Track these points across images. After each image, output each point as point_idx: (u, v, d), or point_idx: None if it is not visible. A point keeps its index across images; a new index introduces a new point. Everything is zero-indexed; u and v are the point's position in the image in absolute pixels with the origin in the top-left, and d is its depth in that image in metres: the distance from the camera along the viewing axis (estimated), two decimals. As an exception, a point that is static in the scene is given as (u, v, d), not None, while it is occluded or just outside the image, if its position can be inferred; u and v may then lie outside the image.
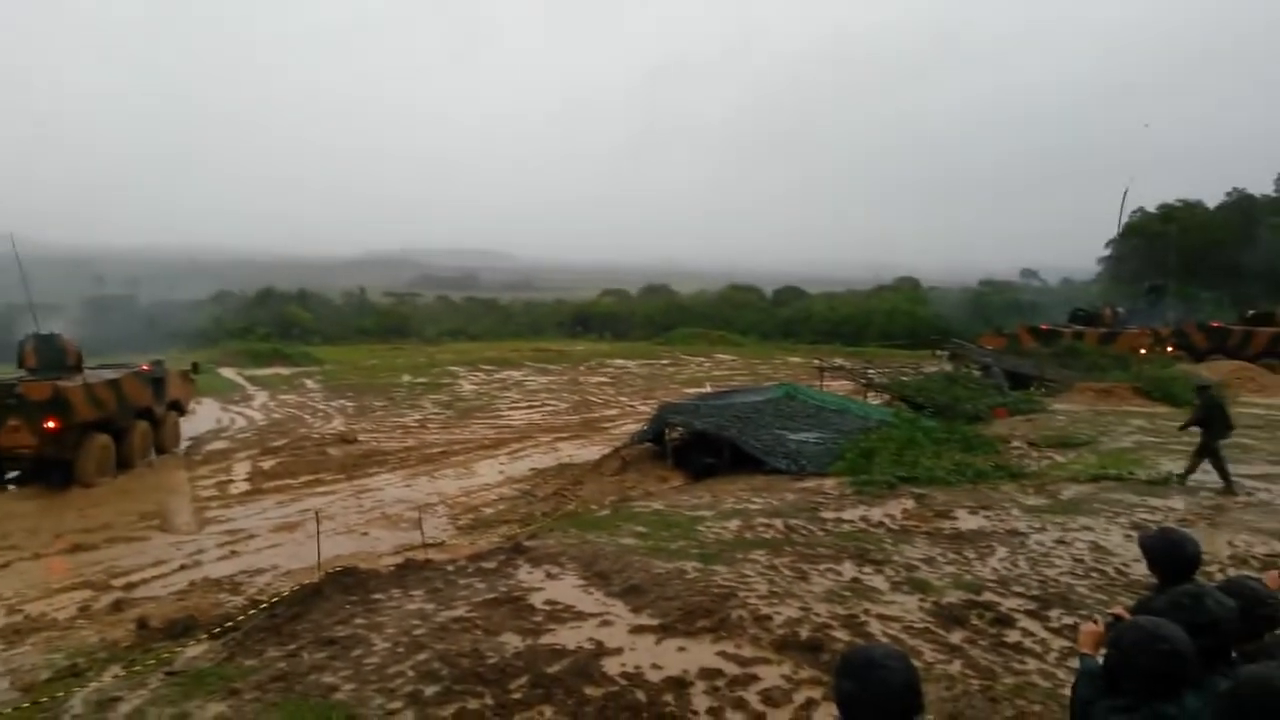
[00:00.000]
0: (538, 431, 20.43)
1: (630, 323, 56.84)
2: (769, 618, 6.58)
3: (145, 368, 17.75)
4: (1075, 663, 3.40)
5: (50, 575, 10.43)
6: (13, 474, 15.22)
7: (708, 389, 25.18)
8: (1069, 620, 6.51)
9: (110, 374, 16.41)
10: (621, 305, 63.90)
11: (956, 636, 6.36)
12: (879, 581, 7.61)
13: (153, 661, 6.52)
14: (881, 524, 9.74)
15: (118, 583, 9.93)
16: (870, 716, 2.26)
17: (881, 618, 6.70)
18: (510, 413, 23.68)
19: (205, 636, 7.09)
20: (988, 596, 7.16)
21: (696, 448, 14.29)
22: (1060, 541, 8.82)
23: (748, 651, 6.05)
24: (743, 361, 38.50)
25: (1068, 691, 3.39)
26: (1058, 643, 6.22)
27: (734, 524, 9.73)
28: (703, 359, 39.37)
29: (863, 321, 49.87)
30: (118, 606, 9.03)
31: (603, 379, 31.73)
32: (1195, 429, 11.38)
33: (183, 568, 10.60)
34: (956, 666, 5.83)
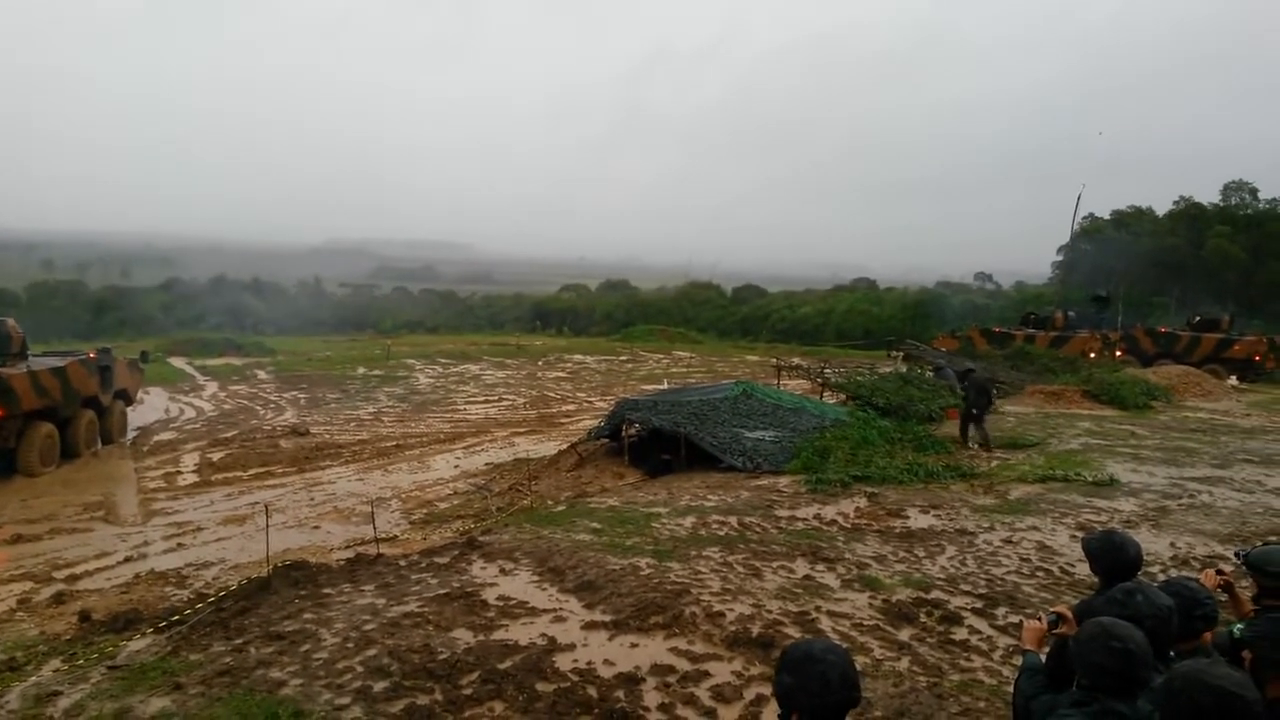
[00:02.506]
0: (494, 426, 20.31)
1: (589, 318, 56.83)
2: (722, 614, 6.62)
3: (92, 355, 17.34)
4: (1020, 660, 3.46)
5: (-11, 567, 10.15)
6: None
7: (665, 386, 25.22)
8: (1015, 618, 6.63)
9: (56, 361, 15.99)
10: (581, 300, 63.83)
11: (905, 634, 6.45)
12: (831, 579, 7.69)
13: (95, 655, 6.39)
14: (834, 522, 9.84)
15: (60, 575, 9.69)
16: (808, 710, 2.30)
17: (832, 615, 6.77)
18: (467, 407, 23.51)
19: (150, 630, 6.94)
20: (936, 594, 7.27)
21: (653, 444, 14.31)
22: (1008, 541, 8.98)
23: (700, 648, 6.08)
24: (701, 359, 38.64)
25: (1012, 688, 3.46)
26: (1004, 640, 6.33)
27: (689, 521, 9.76)
28: (661, 356, 39.45)
29: (820, 321, 50.30)
30: (59, 599, 8.80)
31: (561, 374, 31.64)
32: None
33: (127, 560, 10.36)
34: (904, 663, 5.92)
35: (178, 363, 31.87)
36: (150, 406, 21.97)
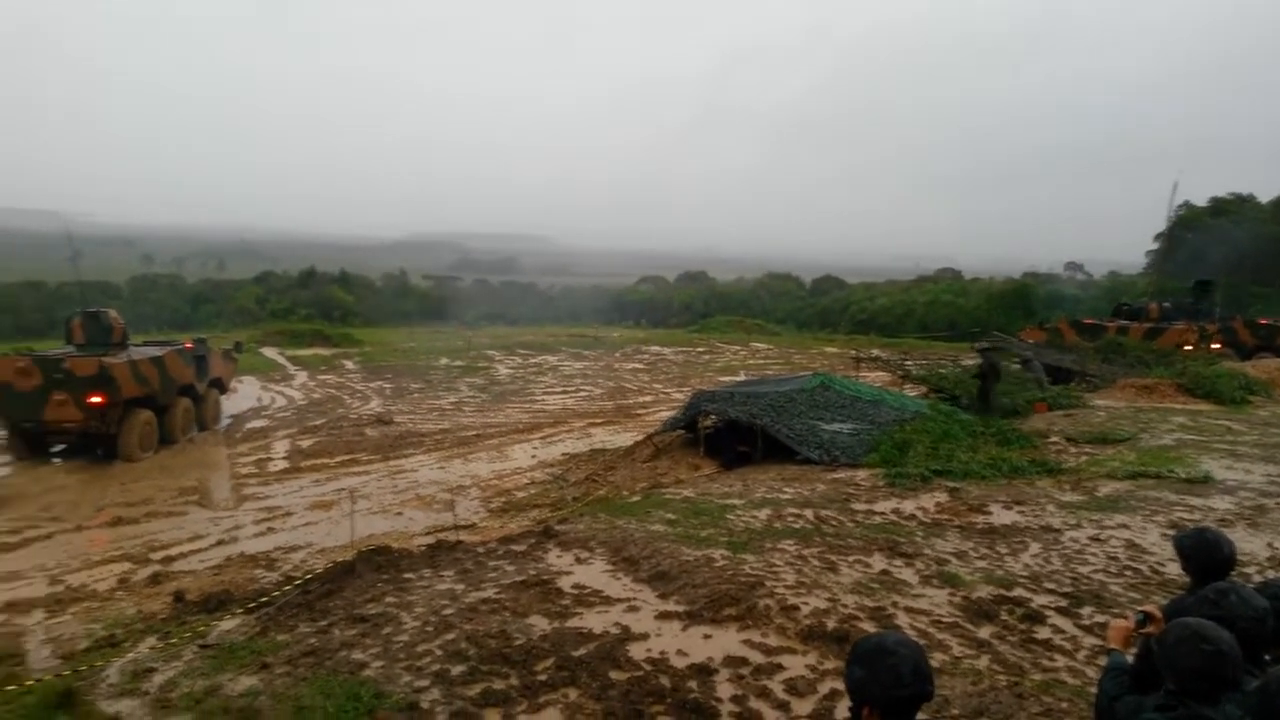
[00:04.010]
0: (571, 416, 20.51)
1: (667, 310, 56.89)
2: (796, 608, 6.57)
3: (188, 345, 18.05)
4: (1105, 660, 3.36)
5: (91, 547, 10.68)
6: (59, 447, 15.62)
7: (742, 377, 25.10)
8: (1101, 618, 6.43)
9: (155, 351, 16.72)
10: (659, 292, 64.00)
11: (985, 631, 6.31)
12: (909, 574, 7.56)
13: (188, 634, 6.67)
14: (913, 517, 9.66)
15: (156, 556, 10.15)
16: (880, 703, 2.27)
17: (910, 611, 6.66)
18: (545, 397, 23.79)
19: (240, 611, 7.23)
20: (1019, 592, 7.09)
21: (729, 436, 14.26)
22: (1095, 539, 8.70)
23: (773, 641, 6.04)
24: (779, 351, 38.33)
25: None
26: (1088, 640, 6.14)
27: (764, 513, 9.71)
28: (738, 347, 39.24)
29: (901, 312, 49.40)
30: (155, 579, 9.23)
31: (638, 365, 31.75)
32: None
33: (220, 543, 10.80)
34: (984, 662, 5.79)
35: (269, 353, 32.93)
36: (243, 395, 22.76)
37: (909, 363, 24.36)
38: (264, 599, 7.51)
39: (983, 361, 17.88)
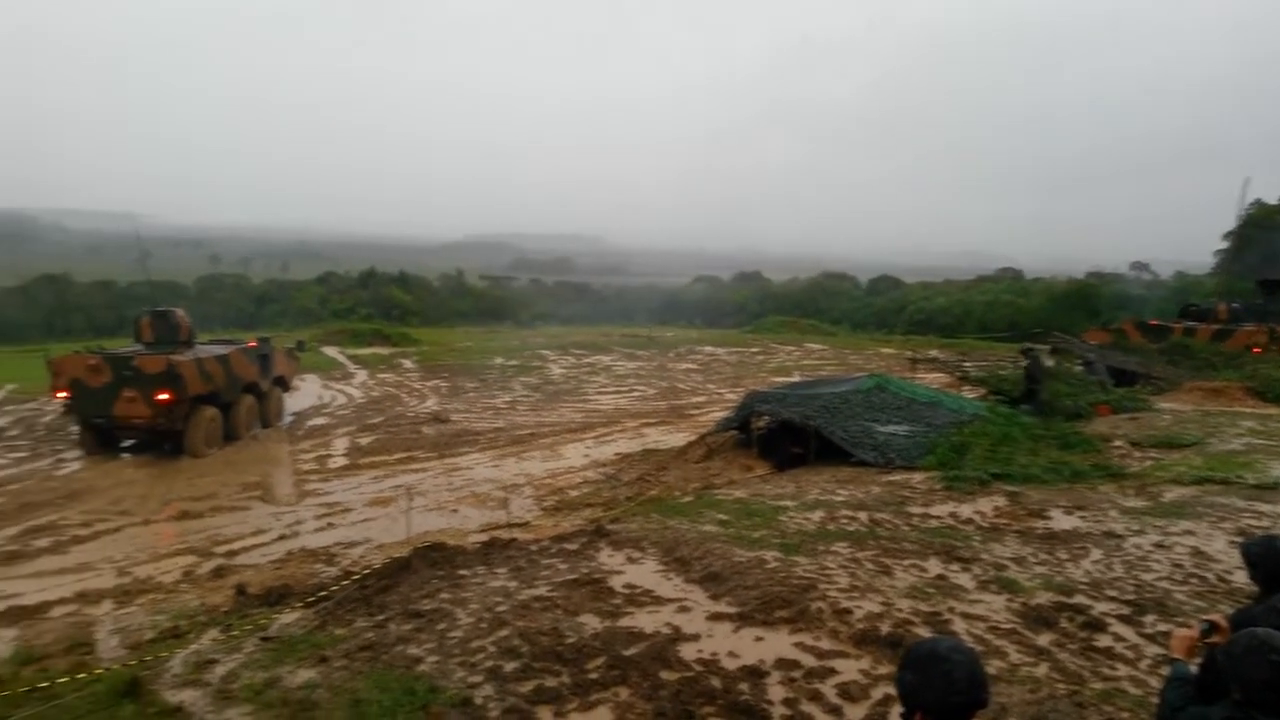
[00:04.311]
0: (624, 416, 20.57)
1: (721, 310, 56.73)
2: (849, 611, 6.51)
3: (252, 344, 18.47)
4: (1168, 670, 3.28)
5: (158, 541, 11.01)
6: (127, 443, 16.12)
7: (796, 378, 24.94)
8: (1164, 627, 6.26)
9: (220, 349, 17.15)
10: (713, 292, 63.87)
11: (1044, 639, 6.19)
12: (965, 579, 7.45)
13: (249, 626, 6.84)
14: (971, 521, 9.51)
15: (220, 550, 10.42)
16: (932, 710, 2.25)
17: (966, 616, 6.56)
18: (598, 397, 23.90)
19: (299, 605, 7.39)
20: (1079, 599, 6.93)
21: (782, 437, 14.17)
22: (1159, 545, 8.47)
23: (826, 644, 6.00)
24: (833, 351, 37.97)
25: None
26: (1151, 649, 5.99)
27: (817, 515, 9.64)
28: (793, 348, 38.97)
29: (960, 312, 48.63)
30: (219, 573, 9.48)
31: (691, 366, 31.72)
32: None
33: (281, 538, 11.05)
34: (1043, 669, 5.68)
35: (331, 351, 33.56)
36: (305, 393, 23.23)
37: (967, 364, 23.99)
38: (323, 593, 7.67)
39: (1028, 364, 17.79)
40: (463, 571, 7.81)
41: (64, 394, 15.38)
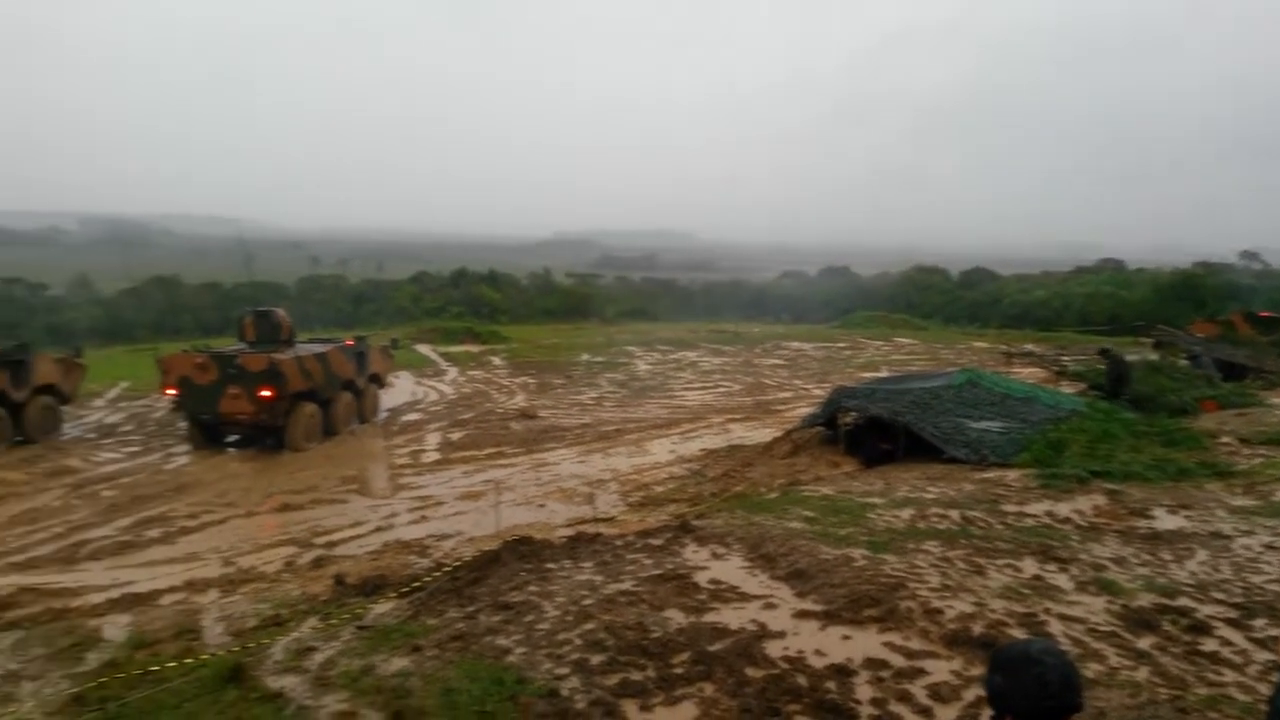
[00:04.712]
0: (710, 412, 20.53)
1: (808, 304, 56.06)
2: (940, 611, 6.38)
3: (349, 342, 19.03)
4: (1278, 676, 3.13)
5: (261, 532, 11.46)
6: (232, 438, 16.81)
7: (884, 373, 24.50)
8: (1275, 631, 5.98)
9: (319, 348, 17.73)
10: (800, 287, 63.19)
11: (1145, 642, 5.96)
12: (1063, 580, 7.22)
13: (346, 615, 7.08)
14: (1069, 520, 9.21)
15: (319, 541, 10.79)
16: (1023, 714, 2.19)
17: (1063, 618, 6.36)
18: (684, 393, 23.89)
19: (394, 595, 7.61)
20: (1183, 601, 6.65)
21: (870, 433, 13.94)
22: (1270, 546, 8.06)
23: (916, 644, 5.89)
24: (924, 346, 37.14)
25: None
26: (1261, 655, 5.72)
27: (906, 513, 9.46)
28: (882, 343, 38.27)
29: (1059, 305, 47.03)
30: (318, 563, 9.82)
31: (777, 361, 31.45)
32: None
33: (377, 530, 11.38)
34: (1144, 673, 5.47)
35: (423, 349, 34.32)
36: (399, 390, 23.81)
37: (1065, 358, 23.18)
38: (416, 584, 7.88)
39: (1108, 366, 17.64)
40: (550, 565, 7.92)
41: (173, 391, 16.13)
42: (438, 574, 8.11)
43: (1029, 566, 7.57)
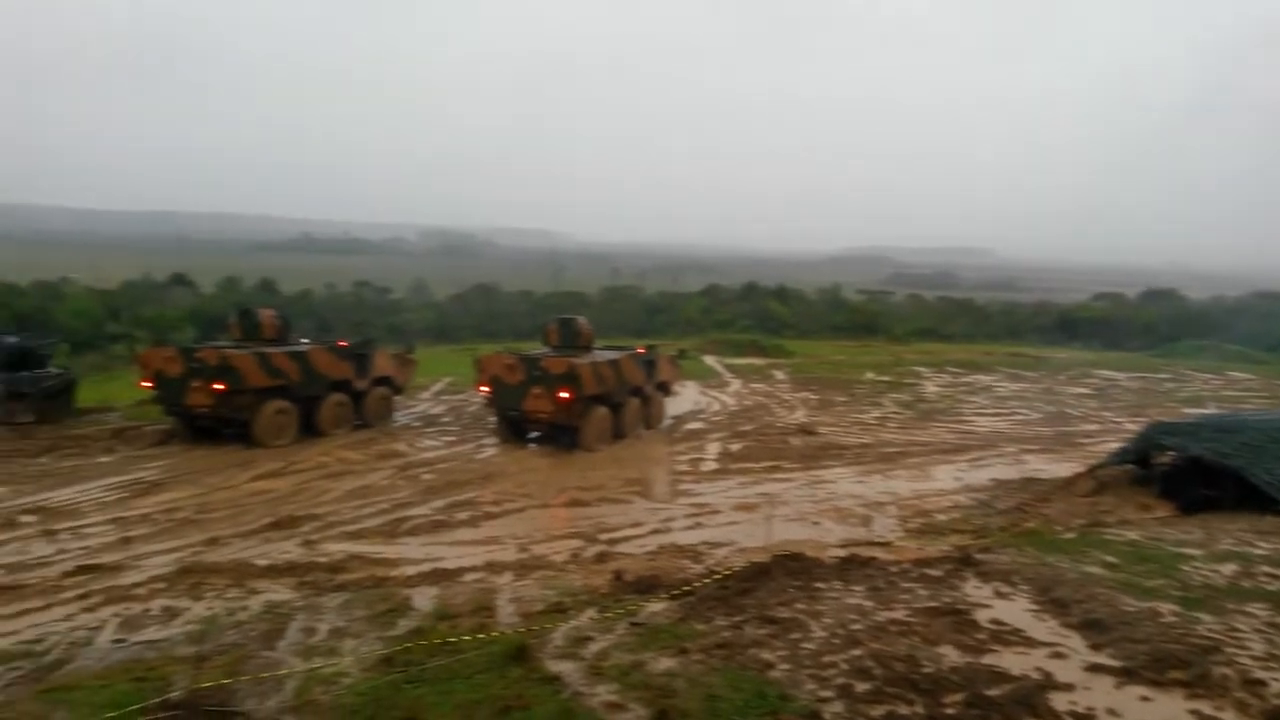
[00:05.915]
0: (1003, 440, 19.29)
1: (1125, 330, 50.99)
2: (1263, 683, 5.64)
3: (640, 350, 19.91)
4: None
5: (553, 523, 12.28)
6: (534, 435, 18.15)
7: (1211, 410, 21.76)
8: None
9: (613, 355, 18.71)
10: (1116, 310, 57.66)
11: None
12: None
13: (621, 611, 7.44)
14: None
15: (603, 537, 11.37)
16: None
17: None
18: (975, 418, 22.63)
19: (666, 596, 7.89)
20: None
21: (1191, 476, 12.47)
22: None
23: (1229, 716, 5.25)
24: (1263, 382, 32.50)
25: None
26: None
27: (1229, 568, 8.39)
28: (1210, 375, 33.99)
29: None
30: (601, 558, 10.35)
31: (1084, 390, 28.91)
32: None
33: (655, 531, 11.80)
34: None
35: (709, 360, 35.08)
36: (684, 398, 24.51)
37: None
38: (687, 588, 8.11)
39: None
40: (819, 584, 7.86)
41: (486, 388, 17.73)
42: (708, 580, 8.30)
43: (1387, 645, 6.46)
